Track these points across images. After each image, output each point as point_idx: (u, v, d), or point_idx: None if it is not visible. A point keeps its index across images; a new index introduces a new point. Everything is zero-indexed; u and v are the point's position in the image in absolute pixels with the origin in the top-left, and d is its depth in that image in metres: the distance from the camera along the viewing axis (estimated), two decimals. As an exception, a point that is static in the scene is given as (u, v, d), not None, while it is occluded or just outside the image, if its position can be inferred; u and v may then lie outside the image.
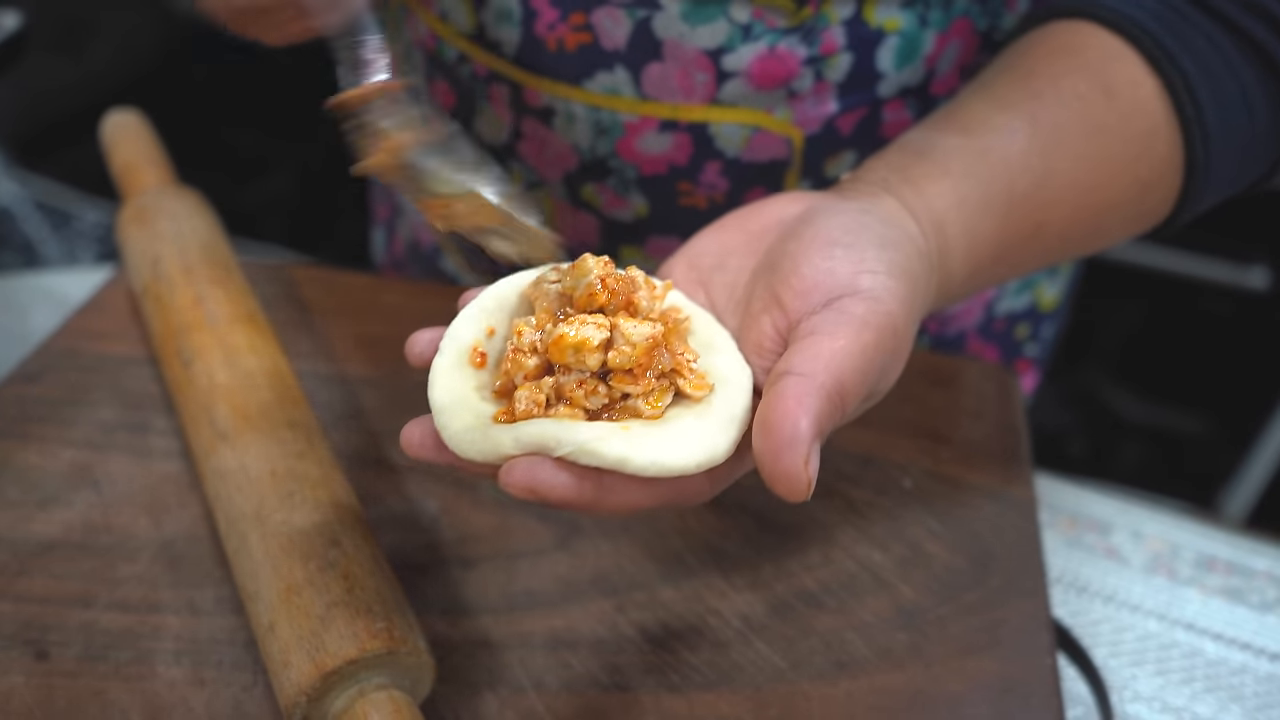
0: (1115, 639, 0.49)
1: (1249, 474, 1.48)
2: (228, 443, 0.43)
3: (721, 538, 0.45)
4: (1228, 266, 1.59)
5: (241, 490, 0.41)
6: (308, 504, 0.40)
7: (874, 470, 0.49)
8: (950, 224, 0.39)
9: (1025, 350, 0.66)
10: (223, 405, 0.45)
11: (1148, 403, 1.70)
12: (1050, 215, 0.41)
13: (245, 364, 0.47)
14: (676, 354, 0.32)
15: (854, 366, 0.31)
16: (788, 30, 0.46)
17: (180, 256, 0.52)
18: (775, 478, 0.30)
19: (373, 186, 0.75)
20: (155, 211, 0.56)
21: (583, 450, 0.29)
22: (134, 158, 0.59)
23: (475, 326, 0.34)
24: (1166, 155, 0.42)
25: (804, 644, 0.41)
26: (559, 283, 0.33)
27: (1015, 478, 0.49)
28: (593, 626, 0.42)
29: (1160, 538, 0.54)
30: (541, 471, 0.29)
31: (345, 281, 0.59)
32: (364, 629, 0.36)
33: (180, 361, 0.48)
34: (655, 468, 0.30)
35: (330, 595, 0.37)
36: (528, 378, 0.32)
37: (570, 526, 0.46)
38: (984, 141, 0.40)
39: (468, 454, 0.31)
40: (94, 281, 0.63)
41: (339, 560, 0.38)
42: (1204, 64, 0.41)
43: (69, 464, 0.47)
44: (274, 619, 0.37)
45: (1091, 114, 0.41)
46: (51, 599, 0.41)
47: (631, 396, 0.31)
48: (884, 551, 0.45)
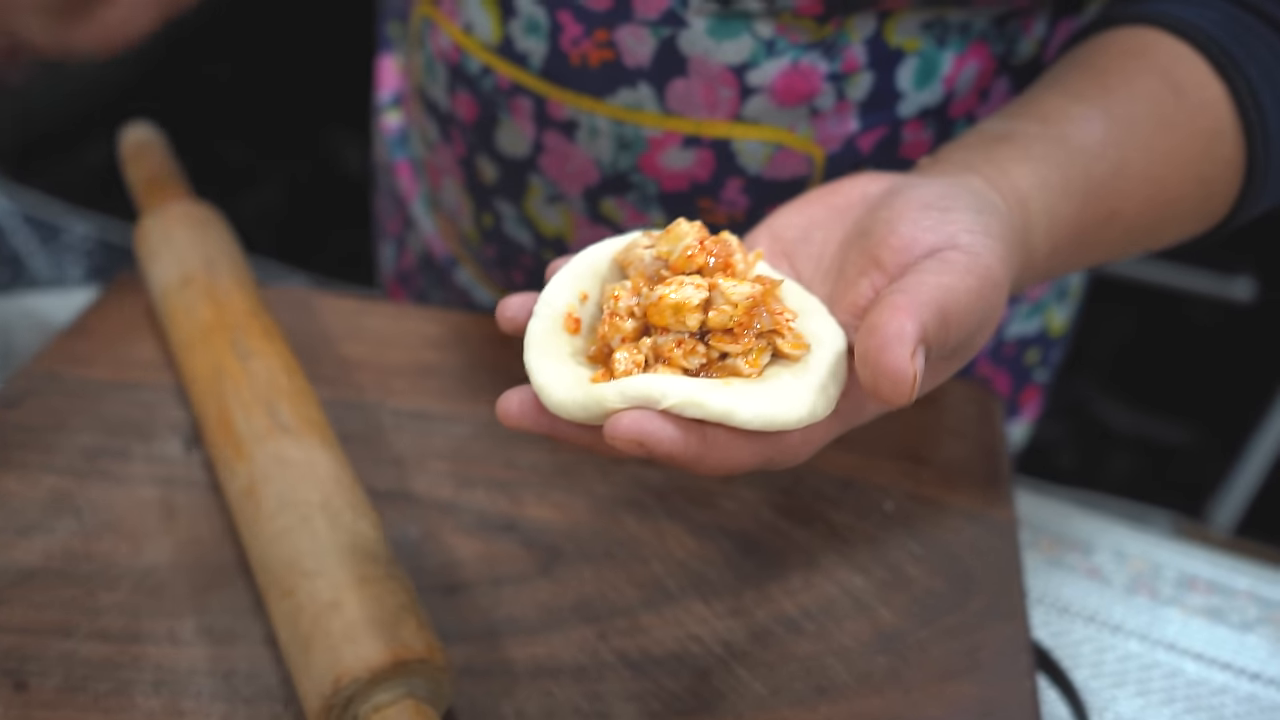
0: (1097, 660, 0.49)
1: (1238, 483, 1.49)
2: (291, 435, 0.44)
3: (703, 563, 0.45)
4: (1213, 278, 1.60)
5: (307, 480, 0.42)
6: (367, 516, 0.42)
7: (855, 493, 0.49)
8: (1033, 203, 0.39)
9: (1035, 376, 0.66)
10: (286, 404, 0.46)
11: (1136, 413, 1.71)
12: (1122, 205, 0.42)
13: (300, 382, 0.48)
14: (775, 313, 0.33)
15: (958, 300, 0.32)
16: (810, 46, 0.46)
17: (234, 268, 0.54)
18: (879, 375, 0.30)
19: (382, 199, 0.75)
20: (204, 221, 0.57)
21: (689, 401, 0.29)
22: (158, 170, 0.61)
23: (569, 291, 0.34)
24: (1229, 157, 0.44)
25: (784, 670, 0.41)
26: (653, 247, 0.34)
27: (996, 499, 0.49)
28: (574, 654, 0.42)
29: (1142, 557, 0.55)
30: (649, 423, 0.29)
31: (331, 304, 0.59)
32: (432, 637, 0.38)
33: (235, 353, 0.48)
34: (760, 420, 0.30)
35: (399, 599, 0.38)
36: (625, 340, 0.32)
37: (552, 552, 0.46)
38: (1062, 129, 0.42)
39: (571, 414, 0.31)
40: (78, 303, 0.63)
41: (401, 576, 0.40)
42: (1267, 71, 0.43)
43: (50, 491, 0.47)
44: (342, 597, 0.38)
45: (1162, 110, 0.43)
46: (31, 629, 0.41)
47: (730, 356, 0.32)
48: (865, 575, 0.45)
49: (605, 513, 0.48)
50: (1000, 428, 0.53)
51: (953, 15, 0.47)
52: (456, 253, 0.65)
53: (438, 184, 0.63)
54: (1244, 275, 1.59)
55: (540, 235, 0.57)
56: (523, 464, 0.50)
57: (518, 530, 0.47)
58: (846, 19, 0.46)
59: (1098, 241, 0.43)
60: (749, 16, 0.45)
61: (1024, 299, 0.62)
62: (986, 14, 0.48)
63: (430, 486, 0.48)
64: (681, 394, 0.30)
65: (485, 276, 0.64)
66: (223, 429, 0.45)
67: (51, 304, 0.65)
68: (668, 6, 0.46)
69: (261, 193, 2.14)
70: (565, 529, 0.47)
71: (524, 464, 0.50)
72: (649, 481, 0.49)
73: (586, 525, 0.47)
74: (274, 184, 2.17)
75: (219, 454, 0.45)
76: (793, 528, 0.47)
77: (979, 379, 0.63)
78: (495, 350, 0.56)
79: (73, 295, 0.65)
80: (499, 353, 0.56)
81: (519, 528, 0.47)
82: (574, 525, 0.47)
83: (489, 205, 0.58)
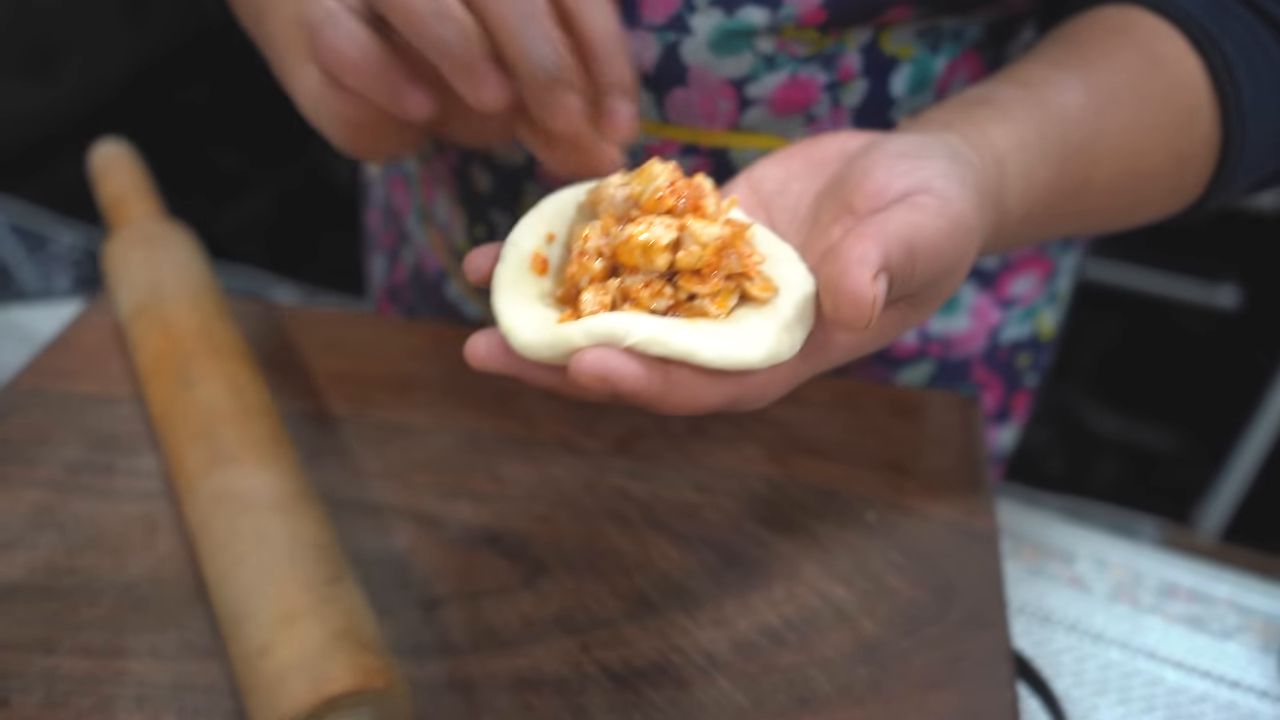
0: (1078, 668, 0.50)
1: (1224, 489, 1.50)
2: (231, 465, 0.44)
3: (686, 575, 0.46)
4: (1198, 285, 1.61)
5: (243, 513, 0.42)
6: (309, 539, 0.41)
7: (837, 503, 0.49)
8: (1010, 163, 0.40)
9: (1025, 380, 0.67)
10: (228, 430, 0.45)
11: (1123, 420, 1.71)
12: (1098, 173, 0.43)
13: (249, 398, 0.47)
14: (745, 256, 0.33)
15: (926, 237, 0.32)
16: (808, 58, 0.47)
17: (186, 286, 0.53)
18: (840, 297, 0.30)
19: (375, 213, 0.75)
20: (161, 239, 0.56)
21: (653, 339, 0.30)
22: (125, 188, 0.60)
23: (535, 233, 0.35)
24: (1205, 134, 0.44)
25: (766, 681, 0.42)
26: (625, 185, 0.34)
27: (977, 509, 0.49)
28: (557, 666, 0.42)
29: (1123, 565, 0.55)
30: (613, 359, 0.30)
31: (313, 317, 0.59)
32: (368, 663, 0.36)
33: (181, 382, 0.48)
34: (723, 359, 0.30)
35: (332, 625, 0.37)
36: (593, 280, 0.32)
37: (535, 565, 0.46)
38: (1042, 94, 0.42)
39: (538, 353, 0.31)
40: (64, 316, 0.63)
41: (340, 596, 0.39)
42: (1242, 48, 0.44)
43: (33, 505, 0.47)
44: (270, 640, 0.37)
45: (1141, 82, 0.43)
46: (13, 644, 0.41)
47: (698, 297, 0.32)
48: (847, 585, 0.46)
49: (588, 524, 0.48)
50: (981, 437, 0.54)
51: (946, 23, 0.48)
52: (446, 265, 0.65)
53: (430, 196, 0.63)
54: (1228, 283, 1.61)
55: None
56: (506, 476, 0.50)
57: (500, 542, 0.47)
58: (846, 30, 0.46)
59: (1072, 209, 0.44)
60: (752, 33, 0.46)
61: (1017, 303, 0.62)
62: (979, 21, 0.49)
63: (413, 499, 0.48)
64: (645, 331, 0.30)
65: (475, 290, 0.64)
66: (177, 465, 0.45)
67: (37, 317, 0.65)
68: (674, 11, 0.46)
69: (252, 201, 2.14)
70: (548, 541, 0.47)
71: (507, 476, 0.50)
72: (632, 493, 0.49)
73: (569, 537, 0.47)
74: (264, 192, 2.17)
75: (177, 490, 0.45)
76: (775, 538, 0.48)
77: (972, 385, 0.64)
78: (480, 362, 0.56)
79: (58, 308, 0.65)
80: (483, 365, 0.56)
81: (502, 540, 0.47)
82: (557, 537, 0.47)
83: (482, 216, 0.58)
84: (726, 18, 0.45)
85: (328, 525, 0.43)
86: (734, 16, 0.45)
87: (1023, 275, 0.62)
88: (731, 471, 0.51)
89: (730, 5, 0.45)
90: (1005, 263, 0.61)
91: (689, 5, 0.46)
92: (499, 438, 0.52)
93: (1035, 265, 0.62)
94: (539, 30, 0.33)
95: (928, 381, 0.63)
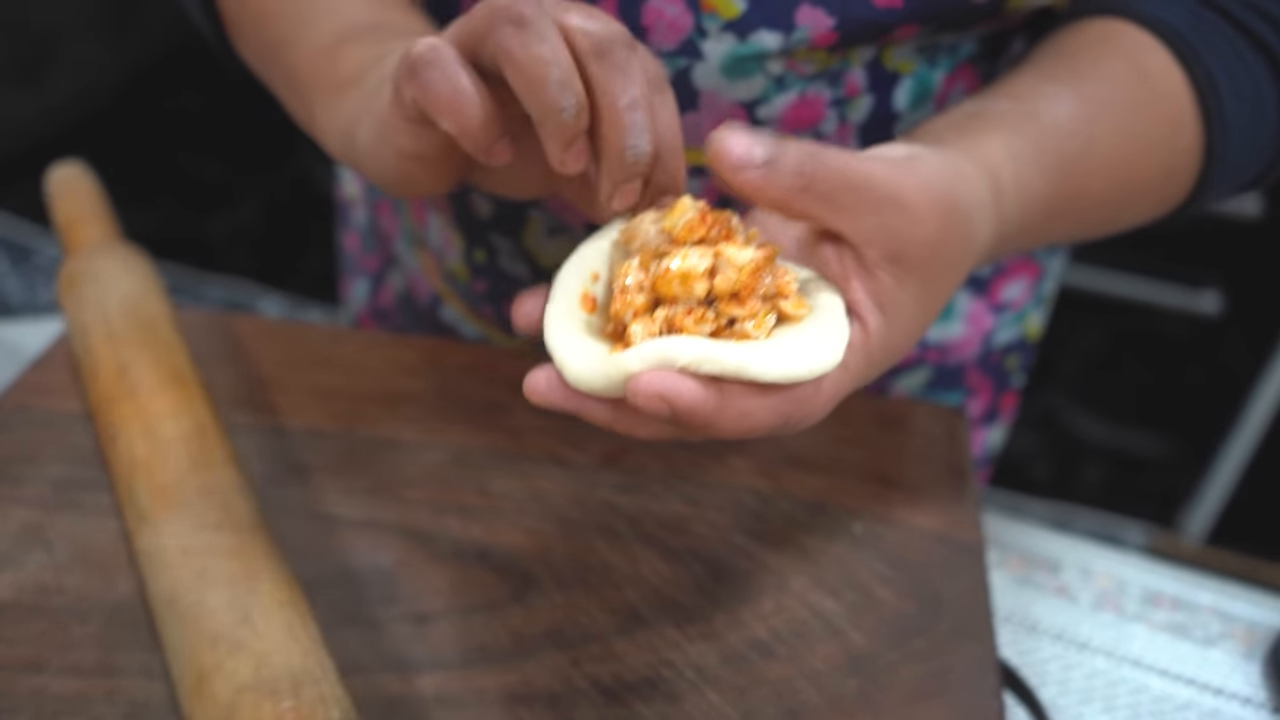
0: (1064, 677, 0.50)
1: (1208, 493, 1.51)
2: (147, 523, 0.43)
3: (675, 588, 0.46)
4: (1181, 292, 1.62)
5: (158, 574, 0.41)
6: (220, 580, 0.40)
7: (825, 516, 0.50)
8: (1004, 173, 0.41)
9: (1013, 381, 0.68)
10: (142, 482, 0.45)
11: (1108, 425, 1.73)
12: (1091, 183, 0.44)
13: (164, 432, 0.46)
14: (778, 277, 0.34)
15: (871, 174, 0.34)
16: (815, 76, 0.47)
17: (104, 323, 0.52)
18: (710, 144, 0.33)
19: (353, 235, 0.75)
20: (82, 277, 0.55)
21: (704, 358, 0.31)
22: (75, 213, 0.59)
23: (580, 273, 0.36)
24: (1190, 144, 0.45)
25: (756, 694, 0.42)
26: (657, 222, 0.35)
27: (963, 521, 0.50)
28: (548, 681, 0.42)
29: (1108, 574, 0.56)
30: (669, 378, 0.31)
31: (302, 333, 0.60)
32: (269, 712, 0.35)
33: (107, 437, 0.48)
34: (774, 371, 0.32)
35: (238, 679, 0.36)
36: (637, 314, 0.33)
37: (525, 579, 0.46)
38: (1034, 106, 0.43)
39: (593, 384, 0.32)
40: (50, 331, 0.63)
41: (248, 639, 0.38)
42: (1224, 62, 0.45)
43: (20, 524, 0.47)
44: (190, 709, 0.37)
45: (1129, 93, 0.45)
46: (2, 665, 0.41)
47: (739, 320, 0.33)
48: (835, 598, 0.46)
49: (578, 539, 0.48)
50: (967, 448, 0.54)
51: (945, 38, 0.49)
52: (441, 290, 0.65)
53: (422, 220, 0.63)
54: (1211, 289, 1.62)
55: (540, 268, 0.57)
56: (495, 491, 0.50)
57: (490, 557, 0.47)
58: (852, 49, 0.47)
59: (1067, 217, 0.45)
60: (764, 57, 0.46)
61: (1009, 307, 0.63)
62: (974, 36, 0.50)
63: (403, 514, 0.49)
64: (696, 351, 0.31)
65: (472, 312, 0.64)
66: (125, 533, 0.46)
67: (23, 334, 0.65)
68: (685, 37, 0.46)
69: (238, 212, 2.14)
70: (538, 555, 0.47)
71: (497, 491, 0.50)
72: (621, 507, 0.50)
73: (559, 551, 0.47)
74: (251, 203, 2.17)
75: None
76: (764, 551, 0.48)
77: (966, 389, 0.65)
78: (468, 377, 0.56)
79: (44, 325, 0.65)
80: (471, 380, 0.56)
81: (492, 555, 0.47)
82: (547, 552, 0.47)
83: (483, 240, 0.58)
84: (739, 43, 0.46)
85: (248, 549, 0.41)
86: (747, 41, 0.45)
87: (1014, 280, 0.62)
88: (719, 484, 0.51)
89: (743, 30, 0.45)
90: (998, 269, 0.61)
91: (700, 31, 0.46)
92: (488, 452, 0.52)
93: (1025, 270, 0.63)
94: (642, 121, 0.34)
95: (925, 387, 0.63)
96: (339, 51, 0.45)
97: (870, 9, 0.44)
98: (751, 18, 0.45)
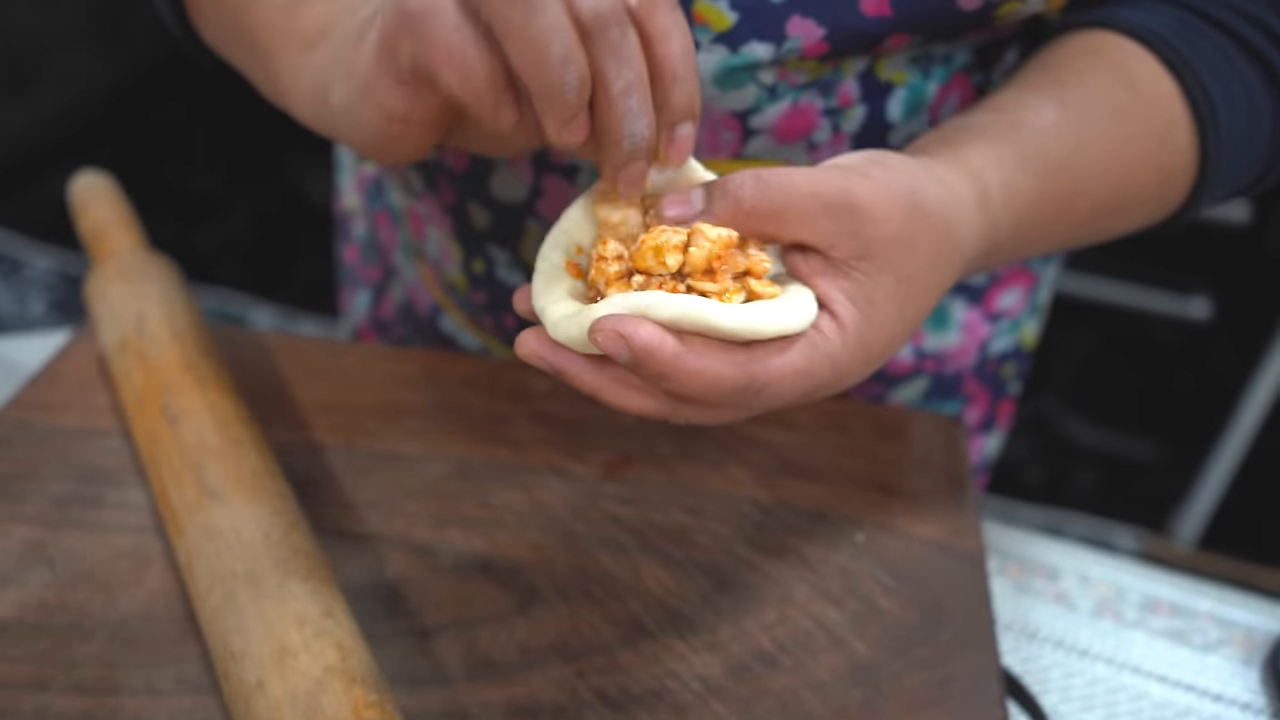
0: (1065, 684, 0.50)
1: (1199, 498, 1.52)
2: (218, 501, 0.44)
3: (679, 600, 0.46)
4: (1170, 298, 1.63)
5: (231, 549, 0.41)
6: (301, 572, 0.41)
7: (826, 525, 0.50)
8: (989, 176, 0.41)
9: (1009, 389, 0.68)
10: (214, 465, 0.45)
11: (1100, 430, 1.73)
12: (1086, 185, 0.44)
13: (235, 432, 0.47)
14: (752, 258, 0.35)
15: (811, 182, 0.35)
16: (807, 85, 0.48)
17: (169, 319, 0.53)
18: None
19: (352, 248, 0.75)
20: (141, 272, 0.56)
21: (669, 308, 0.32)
22: (106, 220, 0.60)
23: (562, 245, 0.38)
24: (1184, 146, 0.46)
25: (760, 705, 0.42)
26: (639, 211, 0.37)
27: (964, 529, 0.50)
28: (553, 694, 0.42)
29: (1106, 581, 0.56)
30: (628, 319, 0.32)
31: (301, 346, 0.60)
32: (360, 698, 0.36)
33: (165, 418, 0.48)
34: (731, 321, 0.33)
35: (326, 660, 0.37)
36: (610, 282, 0.35)
37: (529, 592, 0.46)
38: (1016, 115, 0.44)
39: (568, 333, 0.34)
40: (47, 348, 0.63)
41: (333, 629, 0.39)
42: (1215, 68, 0.46)
43: (21, 541, 0.46)
44: (264, 676, 0.37)
45: (1116, 100, 0.45)
46: (5, 683, 0.41)
47: (708, 295, 0.34)
48: (838, 608, 0.46)
49: (581, 551, 0.48)
50: (966, 457, 0.54)
51: (937, 49, 0.49)
52: (440, 300, 0.65)
53: (420, 232, 0.63)
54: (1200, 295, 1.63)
55: None
56: (497, 503, 0.50)
57: (494, 570, 0.47)
58: (844, 60, 0.47)
59: (1063, 220, 0.45)
60: (756, 67, 0.46)
61: (1005, 316, 0.64)
62: (967, 46, 0.50)
63: (405, 528, 0.49)
64: (662, 301, 0.32)
65: (472, 323, 0.64)
66: (164, 502, 0.45)
67: (19, 349, 0.65)
68: None
69: (228, 222, 2.13)
70: (541, 568, 0.47)
71: (498, 503, 0.50)
72: (623, 518, 0.50)
73: (562, 564, 0.47)
74: (239, 214, 2.17)
75: (166, 528, 0.45)
76: (766, 561, 0.48)
77: (963, 398, 0.65)
78: (468, 389, 0.56)
79: (41, 340, 0.65)
80: (472, 392, 0.56)
81: (495, 567, 0.47)
82: (550, 564, 0.47)
83: (480, 251, 0.58)
84: (731, 54, 0.46)
85: (319, 558, 0.43)
86: (738, 53, 0.46)
87: (1009, 289, 0.63)
88: (721, 495, 0.51)
89: (734, 42, 0.46)
90: (993, 278, 0.62)
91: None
92: (489, 464, 0.52)
93: (1020, 279, 0.63)
94: (638, 104, 0.34)
95: (922, 397, 0.63)
96: (300, 5, 0.43)
97: (860, 19, 0.44)
98: (742, 29, 0.45)
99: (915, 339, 0.61)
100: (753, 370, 0.33)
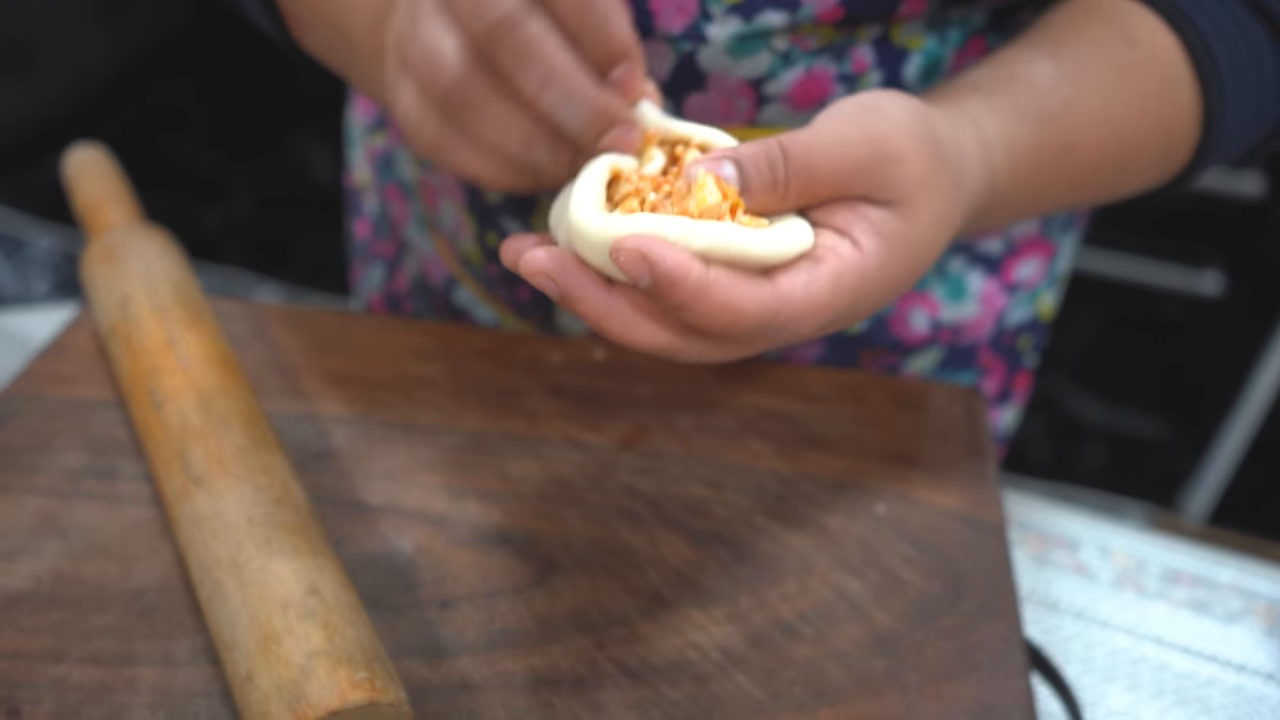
0: (1086, 655, 0.50)
1: (1209, 474, 1.51)
2: (202, 487, 0.43)
3: (698, 570, 0.46)
4: (1181, 272, 1.62)
5: (217, 536, 0.41)
6: (285, 550, 0.40)
7: (846, 497, 0.49)
8: (985, 125, 0.41)
9: (1025, 361, 0.68)
10: (197, 448, 0.44)
11: (1109, 406, 1.73)
12: (1080, 139, 0.44)
13: (219, 407, 0.46)
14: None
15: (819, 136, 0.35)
16: (821, 50, 0.47)
17: (150, 297, 0.52)
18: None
19: (364, 222, 0.74)
20: (123, 250, 0.55)
21: (692, 233, 0.32)
22: (99, 195, 0.58)
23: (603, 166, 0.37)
24: (1187, 103, 0.45)
25: (783, 675, 0.42)
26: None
27: (985, 500, 0.50)
28: (573, 664, 0.42)
29: (1126, 552, 0.55)
30: (654, 241, 0.31)
31: (313, 318, 0.59)
32: (345, 679, 0.35)
33: (151, 404, 0.47)
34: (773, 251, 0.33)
35: (310, 644, 0.36)
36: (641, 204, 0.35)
37: (547, 563, 0.46)
38: (1010, 69, 0.44)
39: (594, 239, 0.33)
40: (56, 321, 0.63)
41: (318, 608, 0.38)
42: (1215, 22, 0.45)
43: (35, 513, 0.46)
44: (252, 668, 0.36)
45: (1113, 55, 0.45)
46: (21, 654, 0.40)
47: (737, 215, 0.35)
48: (859, 579, 0.46)
49: (599, 522, 0.48)
50: (986, 428, 0.54)
51: (954, 13, 0.48)
52: (456, 273, 0.65)
53: (434, 205, 0.62)
54: (1212, 269, 1.62)
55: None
56: (514, 475, 0.50)
57: (511, 542, 0.47)
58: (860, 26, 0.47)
59: (1062, 172, 0.45)
60: (769, 34, 0.46)
61: (1022, 287, 0.63)
62: (984, 9, 0.49)
63: (422, 500, 0.48)
64: (685, 227, 0.32)
65: (487, 294, 0.63)
66: (160, 492, 0.45)
67: (28, 322, 0.64)
68: (691, 21, 0.46)
69: (232, 201, 2.12)
70: (559, 539, 0.47)
71: (515, 475, 0.50)
72: (640, 489, 0.49)
73: (580, 535, 0.47)
74: (243, 193, 2.16)
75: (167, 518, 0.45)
76: (786, 532, 0.48)
77: (979, 369, 0.64)
78: (482, 361, 0.56)
79: (49, 314, 0.65)
80: (486, 363, 0.56)
81: (513, 539, 0.47)
82: (568, 535, 0.47)
83: (494, 223, 0.58)
84: (744, 24, 0.45)
85: (308, 530, 0.42)
86: (752, 22, 0.45)
87: (1027, 259, 0.62)
88: (739, 466, 0.51)
89: (748, 11, 0.45)
90: (1010, 247, 0.61)
91: (705, 14, 0.46)
92: (505, 436, 0.52)
93: (1038, 249, 0.62)
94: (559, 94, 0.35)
95: (937, 367, 0.63)
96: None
97: None
98: (757, 0, 0.45)
99: (931, 309, 0.60)
100: (776, 308, 0.33)
